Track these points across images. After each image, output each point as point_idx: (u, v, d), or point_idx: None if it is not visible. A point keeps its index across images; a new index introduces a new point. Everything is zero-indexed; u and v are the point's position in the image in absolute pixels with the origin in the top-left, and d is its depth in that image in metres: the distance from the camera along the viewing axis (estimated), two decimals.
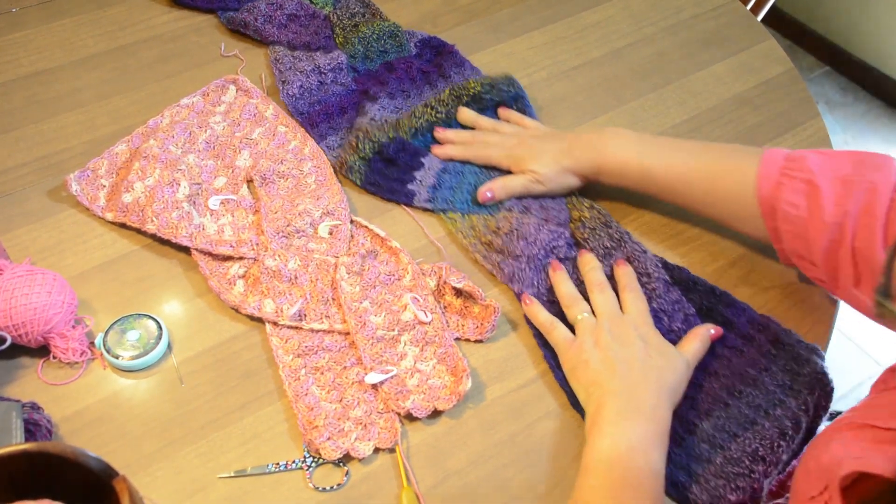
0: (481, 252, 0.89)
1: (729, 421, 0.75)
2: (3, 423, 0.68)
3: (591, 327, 0.79)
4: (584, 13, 1.22)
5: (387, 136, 0.96)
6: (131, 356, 0.78)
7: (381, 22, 1.13)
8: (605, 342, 0.77)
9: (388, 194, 0.94)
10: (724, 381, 0.78)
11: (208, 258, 0.86)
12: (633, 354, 0.76)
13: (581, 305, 0.82)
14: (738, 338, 0.81)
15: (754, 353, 0.79)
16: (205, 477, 0.72)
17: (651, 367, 0.75)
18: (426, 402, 0.76)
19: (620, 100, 1.09)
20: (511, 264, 0.86)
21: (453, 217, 0.92)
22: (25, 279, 0.77)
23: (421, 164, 0.96)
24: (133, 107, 1.04)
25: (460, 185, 0.94)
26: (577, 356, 0.77)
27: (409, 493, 0.71)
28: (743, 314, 0.82)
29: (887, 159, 0.77)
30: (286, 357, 0.79)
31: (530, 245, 0.87)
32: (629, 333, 0.78)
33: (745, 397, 0.77)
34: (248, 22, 1.12)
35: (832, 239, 0.75)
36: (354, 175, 0.95)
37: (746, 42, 1.18)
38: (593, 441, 0.71)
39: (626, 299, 0.82)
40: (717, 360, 0.79)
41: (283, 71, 1.06)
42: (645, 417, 0.71)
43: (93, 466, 0.57)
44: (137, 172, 0.90)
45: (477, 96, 1.02)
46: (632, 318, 0.80)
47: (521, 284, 0.85)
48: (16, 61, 1.10)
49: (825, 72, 2.71)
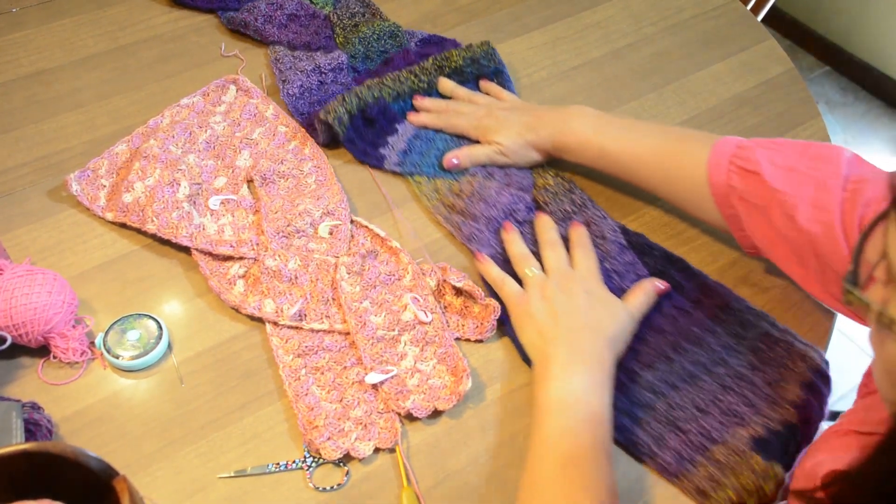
0: (443, 213, 0.92)
1: (671, 374, 0.79)
2: (4, 423, 0.68)
3: (538, 282, 0.82)
4: (584, 13, 1.22)
5: (371, 95, 1.00)
6: (131, 356, 0.78)
7: (382, 22, 1.13)
8: (550, 294, 0.80)
9: (362, 156, 0.98)
10: (669, 338, 0.81)
11: (208, 258, 0.86)
12: (577, 306, 0.79)
13: (531, 262, 0.85)
14: (688, 301, 0.84)
15: (701, 315, 0.83)
16: (205, 477, 0.72)
17: (594, 317, 0.78)
18: (426, 402, 0.76)
19: (620, 100, 1.09)
20: (470, 225, 0.90)
21: (419, 180, 0.96)
22: (26, 279, 0.77)
23: (395, 129, 1.00)
24: (133, 107, 1.04)
25: (429, 151, 0.98)
26: (524, 309, 0.80)
27: (409, 493, 0.71)
28: (695, 279, 0.86)
29: (834, 151, 0.78)
30: (286, 357, 0.79)
31: (490, 207, 0.90)
32: (575, 287, 0.81)
33: (688, 354, 0.80)
34: (249, 22, 1.12)
35: (786, 234, 0.77)
36: (341, 126, 0.97)
37: (746, 42, 1.18)
38: (543, 388, 0.74)
39: (576, 256, 0.85)
40: (664, 318, 0.83)
41: (284, 70, 1.06)
42: (589, 363, 0.74)
43: (93, 466, 0.57)
44: (138, 172, 0.90)
45: (458, 68, 1.05)
46: (579, 273, 0.83)
47: (478, 245, 0.88)
48: (16, 61, 1.10)
49: (825, 72, 2.71)
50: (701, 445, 0.73)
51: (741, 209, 0.81)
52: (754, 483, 0.70)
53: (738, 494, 0.70)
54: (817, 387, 0.77)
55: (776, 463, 0.71)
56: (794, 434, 0.74)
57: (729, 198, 0.81)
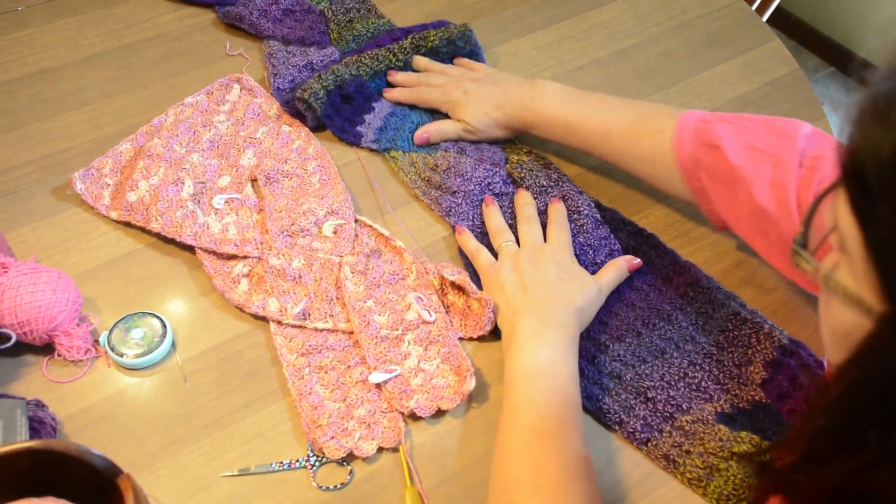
0: (421, 188, 0.95)
1: (640, 348, 0.81)
2: (8, 421, 0.68)
3: (511, 254, 0.84)
4: (589, 13, 1.22)
5: (349, 73, 1.01)
6: (135, 354, 0.78)
7: (376, 19, 1.14)
8: (522, 266, 0.82)
9: (339, 133, 1.00)
10: (639, 313, 0.84)
11: (212, 257, 0.86)
12: (547, 277, 0.80)
13: (506, 235, 0.87)
14: (658, 278, 0.87)
15: (671, 293, 0.85)
16: (208, 475, 0.72)
17: (562, 289, 0.80)
18: (430, 402, 0.76)
19: None
20: (448, 199, 0.92)
21: (395, 155, 0.98)
22: (30, 277, 0.77)
23: (372, 108, 1.02)
24: (138, 105, 1.04)
25: (403, 126, 1.01)
26: (494, 279, 0.82)
27: (412, 492, 0.71)
28: (667, 257, 0.88)
29: (793, 125, 0.80)
30: (290, 356, 0.79)
31: (466, 182, 0.93)
32: (546, 260, 0.82)
33: (657, 330, 0.82)
34: (244, 16, 1.13)
35: (748, 209, 0.79)
36: (317, 101, 0.98)
37: (751, 42, 1.18)
38: (513, 357, 0.75)
39: (551, 231, 0.87)
40: (635, 293, 0.85)
41: (276, 65, 1.07)
42: (556, 330, 0.76)
43: (97, 464, 0.57)
44: (142, 171, 0.90)
45: (434, 48, 1.07)
46: (552, 247, 0.84)
47: (456, 218, 0.91)
48: (21, 60, 1.10)
49: (830, 73, 2.71)
50: (668, 414, 0.75)
51: (707, 182, 0.83)
52: (721, 447, 0.71)
53: (704, 462, 0.71)
54: (784, 363, 0.78)
55: (747, 432, 0.72)
56: (766, 411, 0.75)
57: (695, 171, 0.83)
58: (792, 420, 0.74)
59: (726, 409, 0.75)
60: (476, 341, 0.82)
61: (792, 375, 0.77)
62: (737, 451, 0.71)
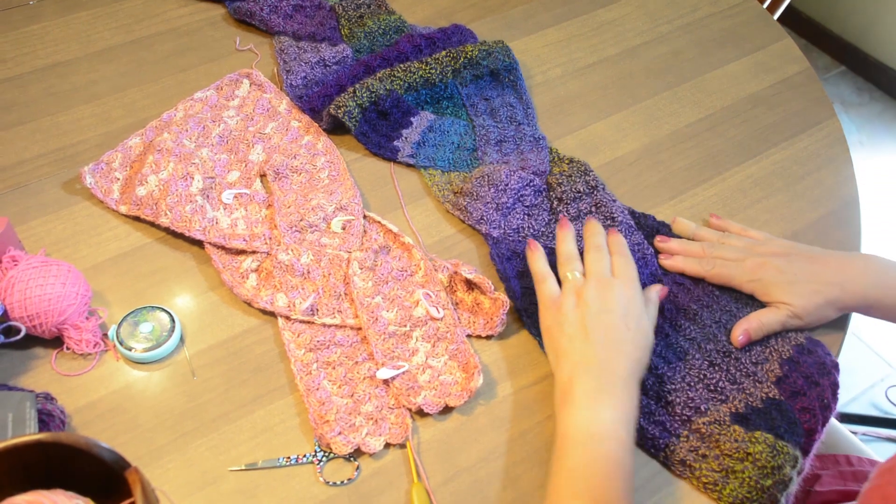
0: (451, 201, 0.93)
1: (666, 349, 0.80)
2: (18, 414, 0.68)
3: (577, 287, 0.79)
4: (599, 11, 1.21)
5: (384, 88, 0.99)
6: (144, 348, 0.78)
7: (387, 16, 1.13)
8: (586, 303, 0.77)
9: (375, 148, 0.98)
10: (668, 316, 0.83)
11: (221, 252, 0.86)
12: (610, 322, 0.75)
13: (575, 264, 0.82)
14: (688, 278, 0.86)
15: (699, 292, 0.85)
16: (216, 469, 0.72)
17: (627, 339, 0.75)
18: (437, 398, 0.76)
19: (635, 98, 1.08)
20: (479, 209, 0.90)
21: (433, 173, 0.96)
22: (40, 270, 0.77)
23: (410, 122, 1.00)
24: (148, 100, 1.04)
25: (443, 143, 0.99)
26: (555, 316, 0.78)
27: (419, 488, 0.71)
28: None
29: None
30: (298, 351, 0.79)
31: (499, 192, 0.91)
32: (613, 297, 0.77)
33: (683, 330, 0.82)
34: (254, 12, 1.13)
35: None
36: (352, 120, 0.97)
37: (762, 41, 1.18)
38: (571, 415, 0.71)
39: (617, 264, 0.82)
40: (666, 297, 0.84)
41: (288, 62, 1.07)
42: (617, 393, 0.72)
43: (105, 457, 0.58)
44: (151, 166, 0.90)
45: (473, 60, 1.04)
46: (620, 281, 0.79)
47: (487, 226, 0.89)
48: (33, 53, 1.10)
49: (841, 72, 2.69)
50: (686, 417, 0.75)
51: None
52: (737, 447, 0.71)
53: (720, 464, 0.71)
54: (800, 361, 0.78)
55: (761, 431, 0.72)
56: (779, 408, 0.75)
57: None
58: (804, 417, 0.74)
59: (741, 409, 0.75)
60: (484, 339, 0.82)
61: (807, 373, 0.77)
62: (751, 451, 0.70)
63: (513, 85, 1.06)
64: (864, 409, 1.86)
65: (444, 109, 1.04)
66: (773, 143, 1.03)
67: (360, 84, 0.99)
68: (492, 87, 1.06)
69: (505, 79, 1.06)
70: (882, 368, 1.93)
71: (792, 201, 0.96)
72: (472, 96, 1.05)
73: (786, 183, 0.98)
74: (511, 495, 0.72)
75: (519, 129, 1.01)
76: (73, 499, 0.57)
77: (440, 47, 1.08)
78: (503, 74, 1.06)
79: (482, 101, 1.05)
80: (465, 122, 1.02)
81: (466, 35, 1.11)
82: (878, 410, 1.86)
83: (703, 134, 1.04)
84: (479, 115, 1.03)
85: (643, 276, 0.85)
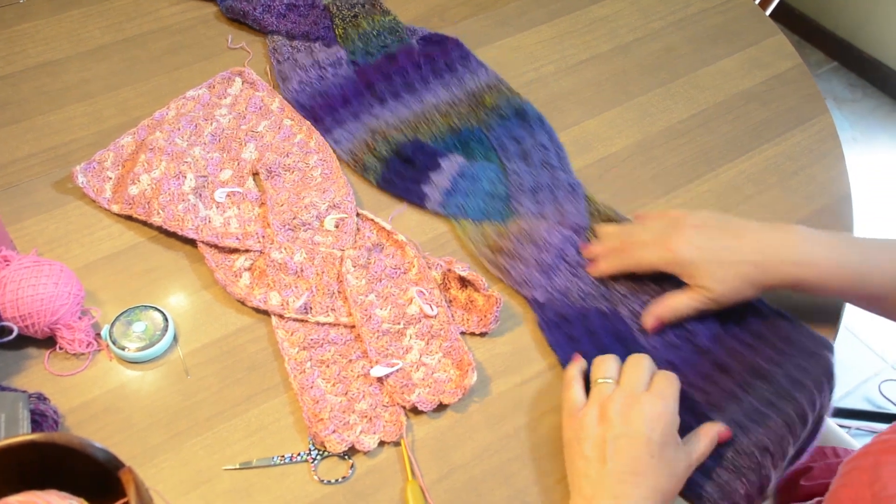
0: (488, 257, 0.87)
1: (740, 415, 0.75)
2: (11, 414, 0.68)
3: (603, 399, 0.71)
4: (591, 7, 1.21)
5: (405, 136, 0.97)
6: (137, 348, 0.78)
7: (381, 16, 1.13)
8: (609, 418, 0.69)
9: (403, 193, 0.93)
10: (736, 377, 0.77)
11: (214, 250, 0.86)
12: (632, 448, 0.67)
13: (609, 369, 0.74)
14: (751, 335, 0.80)
15: (766, 349, 0.79)
16: (210, 469, 0.72)
17: (646, 471, 0.67)
18: (431, 396, 0.76)
19: (628, 94, 1.08)
20: (520, 269, 0.85)
21: (464, 224, 0.91)
22: (32, 270, 0.77)
23: (438, 164, 0.95)
24: (141, 98, 1.04)
25: (474, 191, 0.93)
26: (575, 429, 0.71)
27: (413, 486, 0.71)
28: (755, 311, 0.82)
29: None
30: (292, 350, 0.79)
31: (540, 250, 0.86)
32: (639, 417, 0.69)
33: (755, 391, 0.76)
34: (247, 12, 1.12)
35: None
36: (370, 174, 0.95)
37: (755, 37, 1.18)
38: None
39: (657, 377, 0.73)
40: (731, 356, 0.79)
41: (282, 62, 1.06)
42: None
43: (99, 457, 0.58)
44: (143, 165, 0.90)
45: (494, 107, 1.02)
46: (651, 398, 0.70)
47: (530, 289, 0.84)
48: (24, 52, 1.10)
49: (833, 67, 2.70)
50: (761, 488, 0.71)
51: None
52: None
53: None
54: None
55: None
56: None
57: None
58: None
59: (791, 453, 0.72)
60: (478, 336, 0.82)
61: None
62: None
63: (540, 122, 1.01)
64: (857, 404, 1.87)
65: (473, 152, 0.98)
66: (766, 139, 1.03)
67: (378, 135, 0.97)
68: (520, 126, 1.00)
69: (532, 118, 1.02)
70: (875, 363, 1.94)
71: (785, 197, 0.96)
72: (501, 138, 0.99)
73: (779, 179, 0.99)
74: (506, 492, 0.72)
75: (554, 174, 0.95)
76: (66, 499, 0.57)
77: (441, 64, 1.07)
78: (529, 113, 1.02)
79: (512, 142, 0.99)
80: (497, 167, 0.96)
81: (463, 50, 1.09)
82: (871, 405, 1.87)
83: (695, 130, 1.04)
84: (511, 160, 0.96)
85: (701, 336, 0.80)
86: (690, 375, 0.78)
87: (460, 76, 1.07)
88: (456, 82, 1.06)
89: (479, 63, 1.09)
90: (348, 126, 1.00)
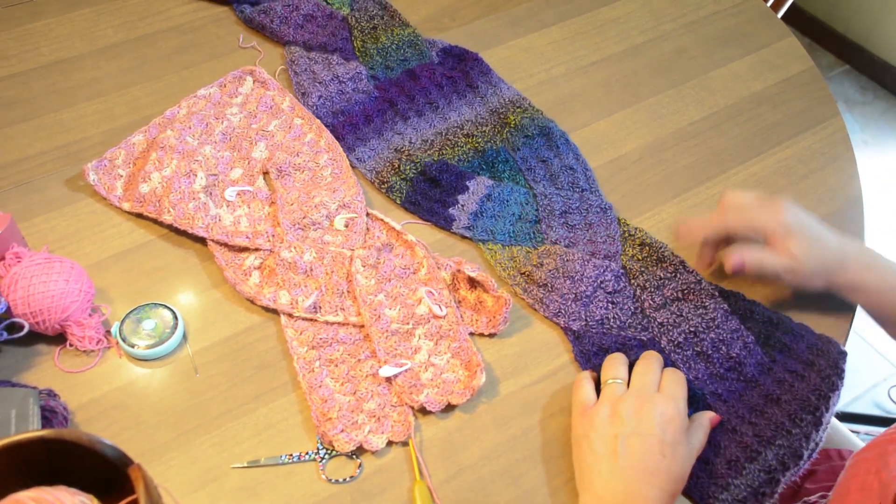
0: (521, 285, 0.86)
1: (789, 450, 0.72)
2: (21, 410, 0.68)
3: (614, 398, 0.72)
4: (602, 9, 1.21)
5: (430, 157, 0.96)
6: (147, 345, 0.78)
7: (401, 30, 1.12)
8: (620, 418, 0.70)
9: (428, 215, 0.92)
10: (787, 408, 0.75)
11: (224, 249, 0.86)
12: (644, 447, 0.68)
13: (619, 370, 0.75)
14: (799, 363, 0.79)
15: (816, 379, 0.77)
16: (219, 467, 0.72)
17: (657, 470, 0.68)
18: (440, 396, 0.76)
19: (638, 96, 1.08)
20: (556, 301, 0.84)
21: (493, 248, 0.89)
22: (43, 267, 0.77)
23: (465, 186, 0.93)
24: (151, 97, 1.04)
25: (503, 215, 0.91)
26: (585, 427, 0.72)
27: (421, 486, 0.71)
28: (802, 340, 0.81)
29: None
30: (301, 349, 0.79)
31: (576, 283, 0.84)
32: (651, 417, 0.70)
33: (806, 426, 0.74)
34: (265, 24, 1.12)
35: None
36: (395, 194, 0.93)
37: (766, 39, 1.18)
38: None
39: (667, 378, 0.74)
40: (780, 386, 0.77)
41: (299, 73, 1.06)
42: None
43: (108, 454, 0.58)
44: (154, 163, 0.91)
45: (519, 126, 1.01)
46: (663, 399, 0.71)
47: (566, 319, 0.83)
48: (36, 50, 1.10)
49: (845, 70, 2.69)
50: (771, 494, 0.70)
51: None
52: None
53: None
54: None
55: None
56: None
57: None
58: None
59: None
60: (487, 336, 0.82)
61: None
62: None
63: (566, 142, 1.00)
64: (866, 409, 1.86)
65: (500, 173, 0.96)
66: (777, 141, 1.03)
67: (404, 156, 0.96)
68: (546, 146, 0.99)
69: (557, 136, 1.00)
70: (885, 368, 1.93)
71: (795, 200, 0.96)
72: (527, 159, 0.97)
73: (789, 182, 0.98)
74: (513, 493, 0.72)
75: (583, 196, 0.93)
76: (75, 495, 0.57)
77: (462, 85, 1.06)
78: (554, 132, 1.00)
79: (539, 163, 0.97)
80: (525, 190, 0.94)
81: (483, 65, 1.08)
82: (880, 410, 1.86)
83: (706, 132, 1.04)
84: (538, 182, 0.95)
85: (749, 366, 0.79)
86: (739, 408, 0.77)
87: (483, 93, 1.05)
88: (479, 101, 1.05)
89: (500, 78, 1.08)
90: (371, 144, 0.99)
